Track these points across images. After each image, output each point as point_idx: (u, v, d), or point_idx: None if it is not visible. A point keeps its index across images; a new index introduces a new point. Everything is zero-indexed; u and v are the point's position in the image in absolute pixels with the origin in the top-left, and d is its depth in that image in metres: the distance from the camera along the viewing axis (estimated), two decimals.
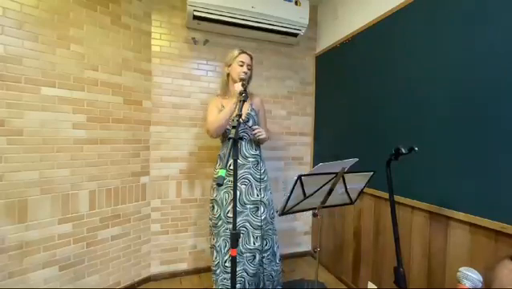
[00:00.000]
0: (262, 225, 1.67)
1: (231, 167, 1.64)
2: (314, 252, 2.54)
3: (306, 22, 2.20)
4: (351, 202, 1.49)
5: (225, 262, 1.63)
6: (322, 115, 2.55)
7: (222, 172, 0.94)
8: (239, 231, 1.64)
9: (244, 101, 1.28)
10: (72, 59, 1.67)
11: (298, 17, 2.17)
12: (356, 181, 1.39)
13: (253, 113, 1.73)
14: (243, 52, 1.72)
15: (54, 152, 1.62)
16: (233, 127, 1.09)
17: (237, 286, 1.64)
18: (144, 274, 2.13)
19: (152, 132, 2.13)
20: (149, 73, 2.10)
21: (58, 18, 1.61)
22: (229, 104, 1.59)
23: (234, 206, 1.12)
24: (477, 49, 1.22)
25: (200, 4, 1.91)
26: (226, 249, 1.63)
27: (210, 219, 1.73)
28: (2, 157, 1.44)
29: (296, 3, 2.16)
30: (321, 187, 1.27)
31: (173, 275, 2.22)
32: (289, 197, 1.20)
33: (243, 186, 1.67)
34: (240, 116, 1.16)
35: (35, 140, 1.54)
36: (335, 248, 2.29)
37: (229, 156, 1.05)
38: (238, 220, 1.64)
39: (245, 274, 1.65)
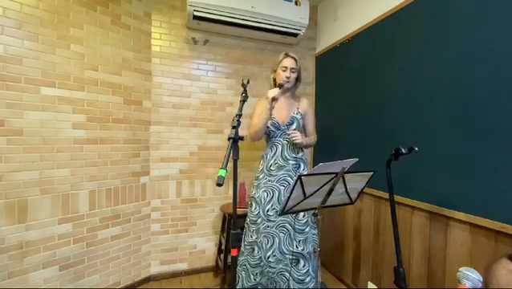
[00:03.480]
0: (304, 229, 1.68)
1: (271, 168, 1.71)
2: (315, 252, 2.54)
3: (306, 22, 2.20)
4: (351, 202, 1.48)
5: (268, 257, 1.65)
6: (322, 115, 2.54)
7: (222, 173, 0.94)
8: (239, 231, 1.64)
9: (244, 101, 1.27)
10: (72, 59, 1.67)
11: (298, 17, 2.17)
12: (356, 181, 1.39)
13: (298, 116, 1.74)
14: (286, 56, 1.72)
15: (54, 152, 1.62)
16: (233, 127, 1.09)
17: (279, 284, 1.66)
18: (144, 274, 2.13)
19: (152, 132, 2.13)
20: (149, 73, 2.10)
21: (58, 18, 1.61)
22: (266, 109, 1.61)
23: (234, 207, 1.12)
24: (478, 49, 1.22)
25: (200, 4, 1.91)
26: (268, 245, 1.66)
27: (248, 216, 1.76)
28: (2, 157, 1.44)
29: (296, 3, 2.16)
30: (321, 187, 1.27)
31: (173, 275, 2.22)
32: (289, 197, 1.20)
33: (282, 188, 1.69)
34: (240, 115, 1.16)
35: (35, 140, 1.54)
36: (335, 248, 2.29)
37: (228, 156, 1.04)
38: (278, 220, 1.67)
39: (287, 274, 1.64)
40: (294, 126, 1.72)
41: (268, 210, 1.68)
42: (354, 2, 2.10)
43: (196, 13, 1.97)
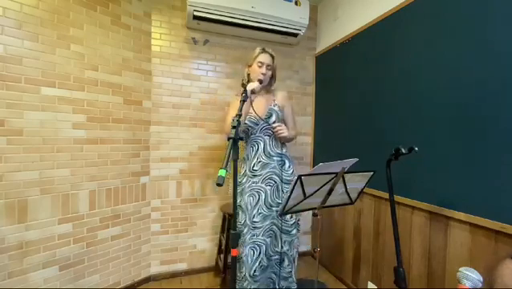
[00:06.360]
0: (291, 231, 1.62)
1: (255, 168, 1.60)
2: (314, 252, 2.54)
3: (306, 22, 2.20)
4: (351, 202, 1.48)
5: (254, 271, 1.55)
6: (322, 115, 2.54)
7: (222, 173, 0.93)
8: (239, 232, 1.62)
9: (244, 101, 1.27)
10: (72, 59, 1.67)
11: (298, 17, 2.17)
12: (356, 181, 1.39)
13: (275, 108, 1.64)
14: (263, 52, 1.63)
15: (54, 152, 1.62)
16: (233, 127, 1.09)
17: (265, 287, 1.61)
18: (144, 274, 2.13)
19: (152, 132, 2.13)
20: (149, 73, 2.10)
21: (58, 18, 1.61)
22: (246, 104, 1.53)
23: (234, 207, 1.11)
24: (478, 49, 1.22)
25: (200, 4, 1.91)
26: (254, 257, 1.57)
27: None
28: (2, 157, 1.44)
29: (296, 3, 2.16)
30: (321, 187, 1.27)
31: (173, 275, 2.22)
32: (289, 197, 1.20)
33: (268, 187, 1.60)
34: (240, 115, 1.15)
35: (35, 140, 1.54)
36: (335, 248, 2.29)
37: (228, 156, 1.03)
38: (265, 223, 1.60)
39: (274, 275, 1.63)
40: (273, 118, 1.62)
41: (254, 216, 1.57)
42: (354, 2, 2.10)
43: (196, 13, 1.97)
